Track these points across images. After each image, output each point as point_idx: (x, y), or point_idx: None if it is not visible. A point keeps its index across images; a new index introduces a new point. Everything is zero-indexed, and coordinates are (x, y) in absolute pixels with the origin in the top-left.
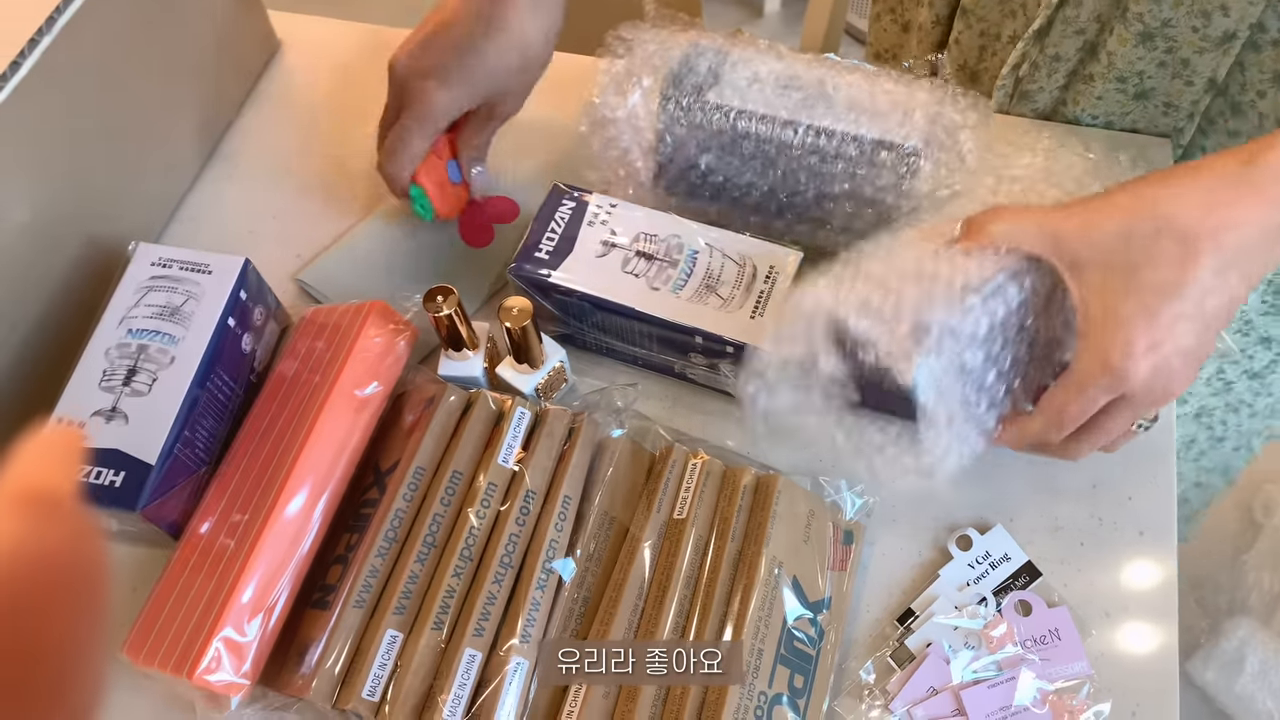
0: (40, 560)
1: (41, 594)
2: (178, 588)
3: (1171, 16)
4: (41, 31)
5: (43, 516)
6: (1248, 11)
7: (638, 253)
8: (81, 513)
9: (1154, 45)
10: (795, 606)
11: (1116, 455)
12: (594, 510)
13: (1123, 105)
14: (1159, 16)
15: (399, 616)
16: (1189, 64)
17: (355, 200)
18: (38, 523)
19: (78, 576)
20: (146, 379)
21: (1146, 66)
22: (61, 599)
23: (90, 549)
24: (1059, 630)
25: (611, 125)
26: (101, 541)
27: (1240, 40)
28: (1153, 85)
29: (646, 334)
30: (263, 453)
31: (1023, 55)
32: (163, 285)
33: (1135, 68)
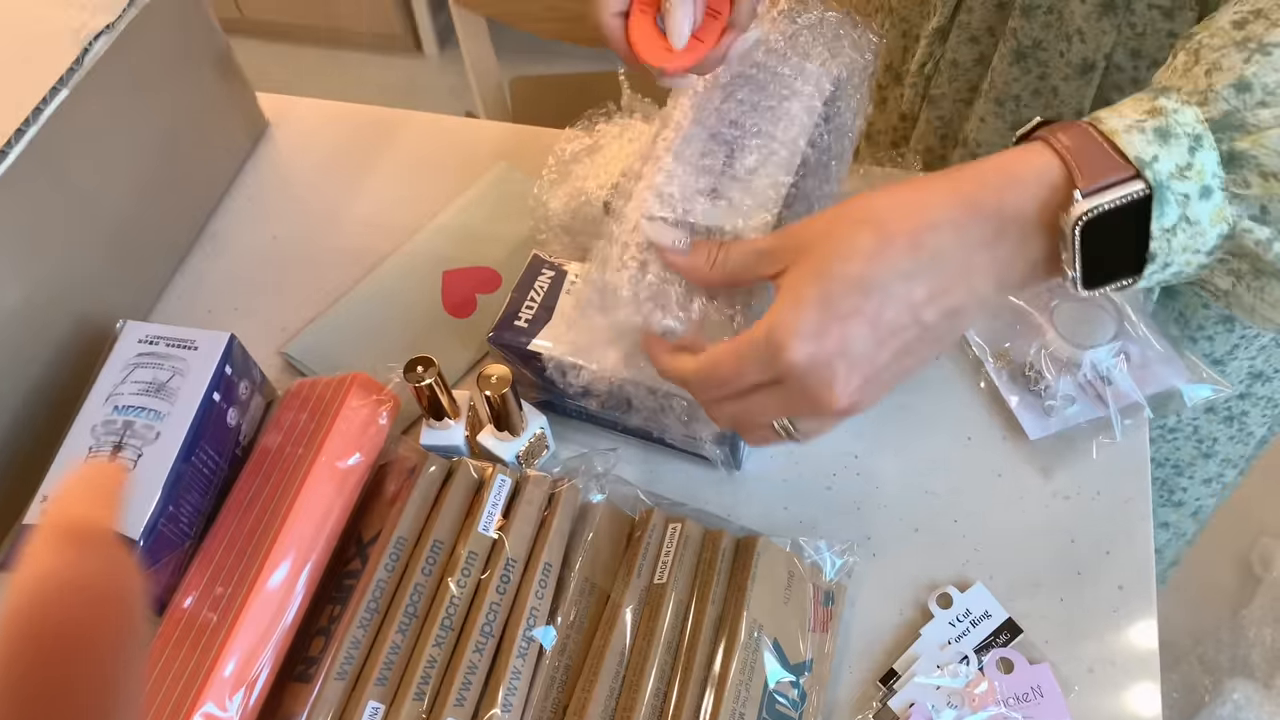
0: (80, 593)
1: (80, 627)
2: (160, 663)
3: (1042, 37)
4: (28, 122)
5: (82, 550)
6: (1101, 40)
7: None
8: (120, 547)
9: (1027, 67)
10: (776, 669)
11: (1095, 509)
12: (574, 577)
13: (1001, 134)
14: (1030, 35)
15: (381, 688)
16: (1058, 93)
17: (341, 274)
18: (78, 556)
19: (115, 610)
20: (132, 454)
21: (1022, 91)
22: (100, 632)
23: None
24: (1041, 687)
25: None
26: (138, 576)
27: (1099, 71)
28: (1028, 115)
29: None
30: (246, 526)
31: (928, 54)
32: (149, 362)
33: (1012, 90)
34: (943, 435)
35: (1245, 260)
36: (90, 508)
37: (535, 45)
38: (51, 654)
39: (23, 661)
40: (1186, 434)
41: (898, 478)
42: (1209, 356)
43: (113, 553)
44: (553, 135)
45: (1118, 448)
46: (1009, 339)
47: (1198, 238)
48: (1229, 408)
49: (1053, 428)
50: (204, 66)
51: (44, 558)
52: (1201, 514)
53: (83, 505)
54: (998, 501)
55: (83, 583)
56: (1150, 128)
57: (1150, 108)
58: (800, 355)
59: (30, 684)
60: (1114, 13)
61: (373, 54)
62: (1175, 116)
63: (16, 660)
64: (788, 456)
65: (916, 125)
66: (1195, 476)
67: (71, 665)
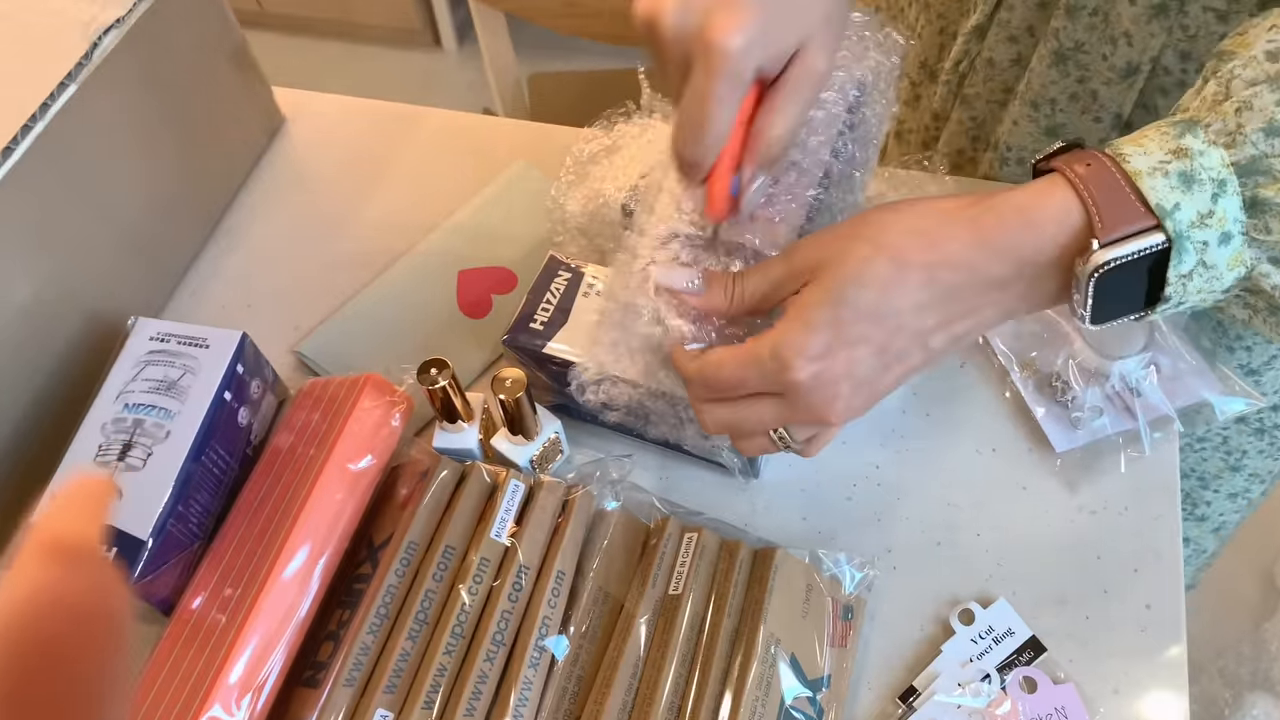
0: (66, 607)
1: (67, 640)
2: (167, 665)
3: (1085, 39)
4: (35, 117)
5: (69, 565)
6: (1149, 44)
7: None
8: (106, 561)
9: (1066, 70)
10: (794, 685)
11: (1123, 524)
12: (588, 586)
13: (1034, 138)
14: (1073, 37)
15: (390, 695)
16: (1097, 97)
17: (355, 272)
18: (64, 570)
19: (101, 623)
20: (141, 454)
21: (1059, 95)
22: (86, 645)
23: (114, 597)
24: (1065, 708)
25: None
26: (124, 590)
27: (1143, 75)
28: (1063, 120)
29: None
30: (256, 527)
31: (964, 51)
32: (160, 359)
33: (1049, 93)
34: (966, 446)
35: (1261, 298)
36: (77, 523)
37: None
38: (38, 670)
39: (9, 677)
40: (1215, 444)
41: (920, 489)
42: (1245, 367)
43: (99, 568)
44: (571, 134)
45: (1146, 462)
46: (1036, 348)
47: (1214, 280)
48: (1260, 420)
49: (1080, 440)
50: (219, 61)
51: (30, 573)
52: (1224, 530)
53: (69, 520)
54: (1022, 515)
55: (69, 599)
56: (1174, 171)
57: (1175, 148)
58: (805, 375)
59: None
60: (1165, 15)
61: (391, 48)
62: (1201, 160)
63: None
64: (807, 466)
65: (947, 125)
66: (1221, 490)
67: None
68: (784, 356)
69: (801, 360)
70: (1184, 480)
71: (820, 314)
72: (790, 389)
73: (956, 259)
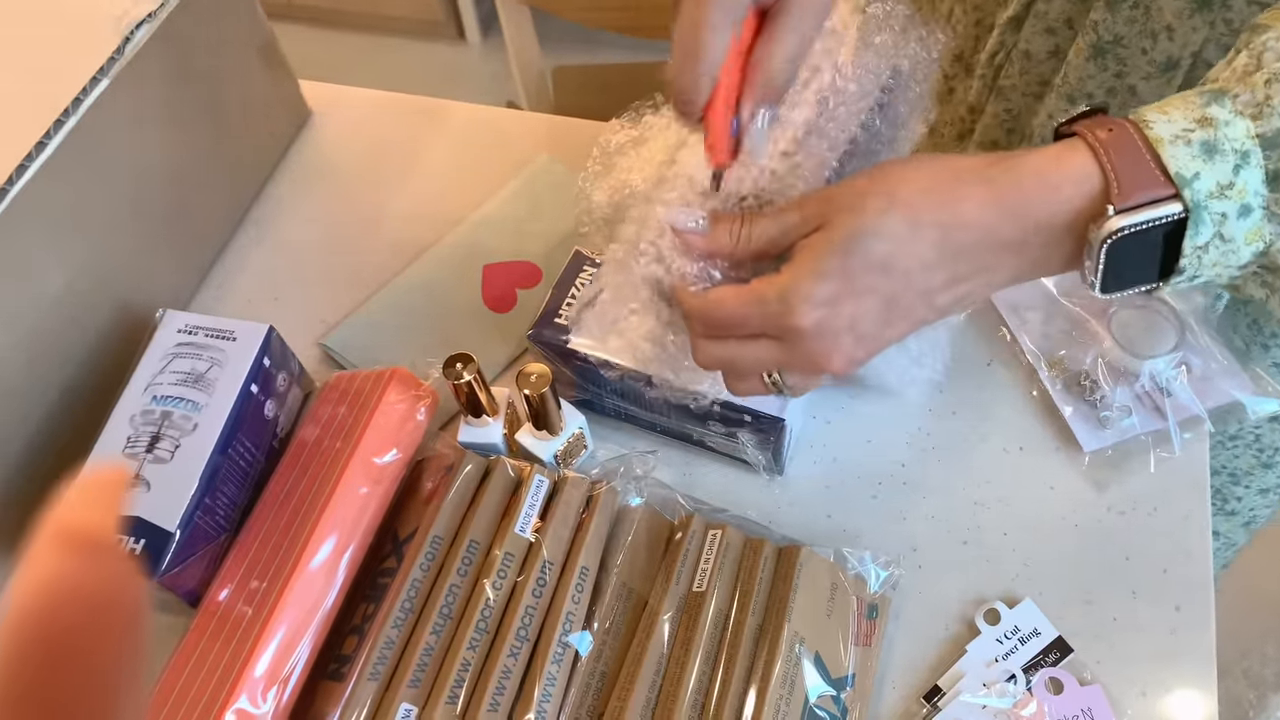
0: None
1: (82, 632)
2: (194, 657)
3: (1124, 33)
4: (68, 112)
5: (84, 555)
6: (1190, 38)
7: None
8: (122, 551)
9: (1105, 64)
10: (818, 683)
11: (1152, 525)
12: (612, 581)
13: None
14: (1112, 30)
15: (414, 690)
16: (1136, 92)
17: (381, 266)
18: (79, 561)
19: (118, 615)
20: (169, 446)
21: (1096, 89)
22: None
23: (130, 588)
24: (1092, 710)
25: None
26: (141, 581)
27: (1183, 70)
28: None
29: (665, 401)
30: (283, 520)
31: (1000, 43)
32: (188, 352)
33: (1085, 87)
34: (993, 445)
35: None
36: (92, 513)
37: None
38: (53, 660)
39: (26, 667)
40: (1248, 442)
41: (945, 488)
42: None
43: (115, 558)
44: (596, 127)
45: (1176, 462)
46: (1064, 347)
47: (1230, 254)
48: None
49: (1108, 440)
50: (248, 54)
51: (46, 563)
52: (1254, 524)
53: (85, 511)
54: (1049, 515)
55: (84, 589)
56: (1197, 140)
57: (1200, 116)
58: (810, 321)
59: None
60: (1209, 8)
61: (414, 40)
62: (1225, 130)
63: (20, 665)
64: (832, 463)
65: (982, 118)
66: (1252, 486)
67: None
68: (790, 300)
69: (807, 306)
70: (1214, 477)
71: (830, 262)
72: (792, 334)
73: (970, 219)
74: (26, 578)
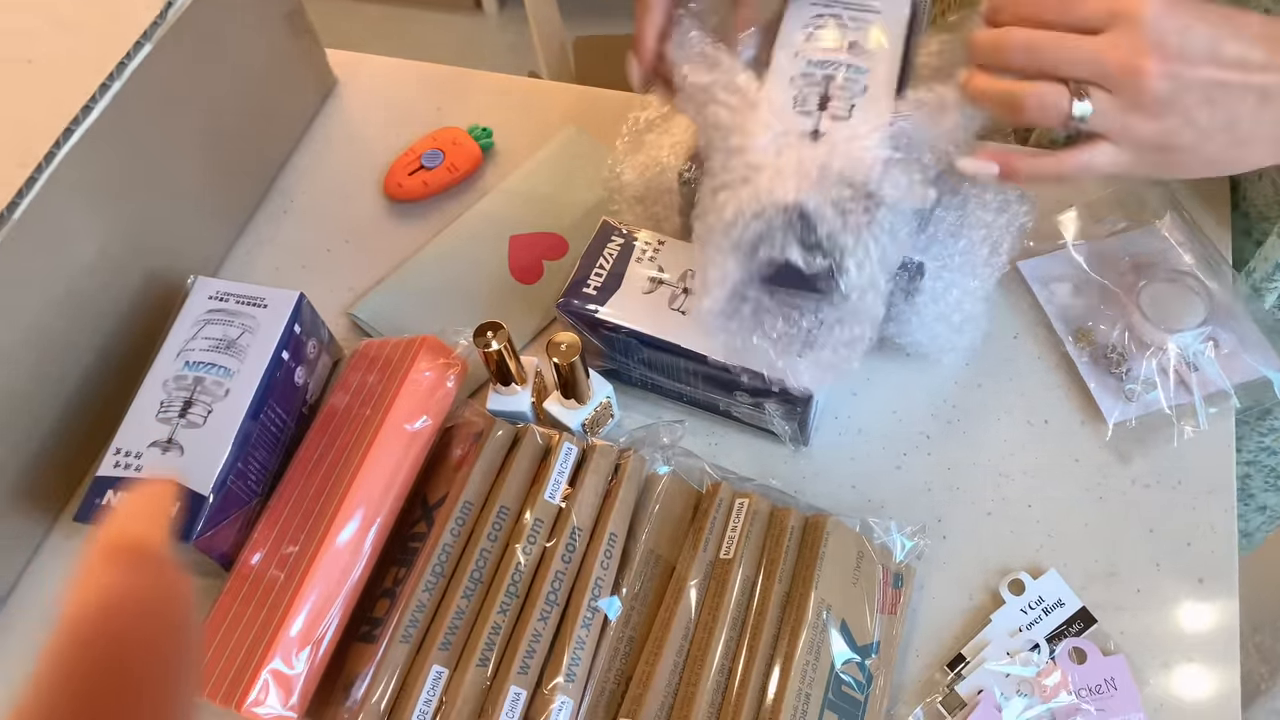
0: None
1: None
2: (228, 619)
3: None
4: (113, 76)
5: (136, 568)
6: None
7: (685, 290)
8: (172, 563)
9: None
10: (844, 650)
11: (1176, 499)
12: (640, 548)
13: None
14: None
15: (445, 652)
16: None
17: (408, 235)
18: (131, 573)
19: (169, 625)
20: (202, 411)
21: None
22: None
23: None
24: (1115, 679)
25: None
26: (190, 591)
27: None
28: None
29: (692, 371)
30: (314, 485)
31: None
32: (219, 318)
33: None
34: (1018, 417)
35: None
36: (143, 525)
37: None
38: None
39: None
40: None
41: (970, 459)
42: None
43: (164, 569)
44: (621, 98)
45: (1202, 436)
46: (1091, 319)
47: None
48: None
49: (1133, 412)
50: (278, 22)
51: (97, 576)
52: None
53: (136, 523)
54: (1074, 487)
55: (134, 600)
56: None
57: None
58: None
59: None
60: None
61: (432, 11)
62: None
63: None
64: (857, 434)
65: None
66: None
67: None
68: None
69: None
70: (1272, 457)
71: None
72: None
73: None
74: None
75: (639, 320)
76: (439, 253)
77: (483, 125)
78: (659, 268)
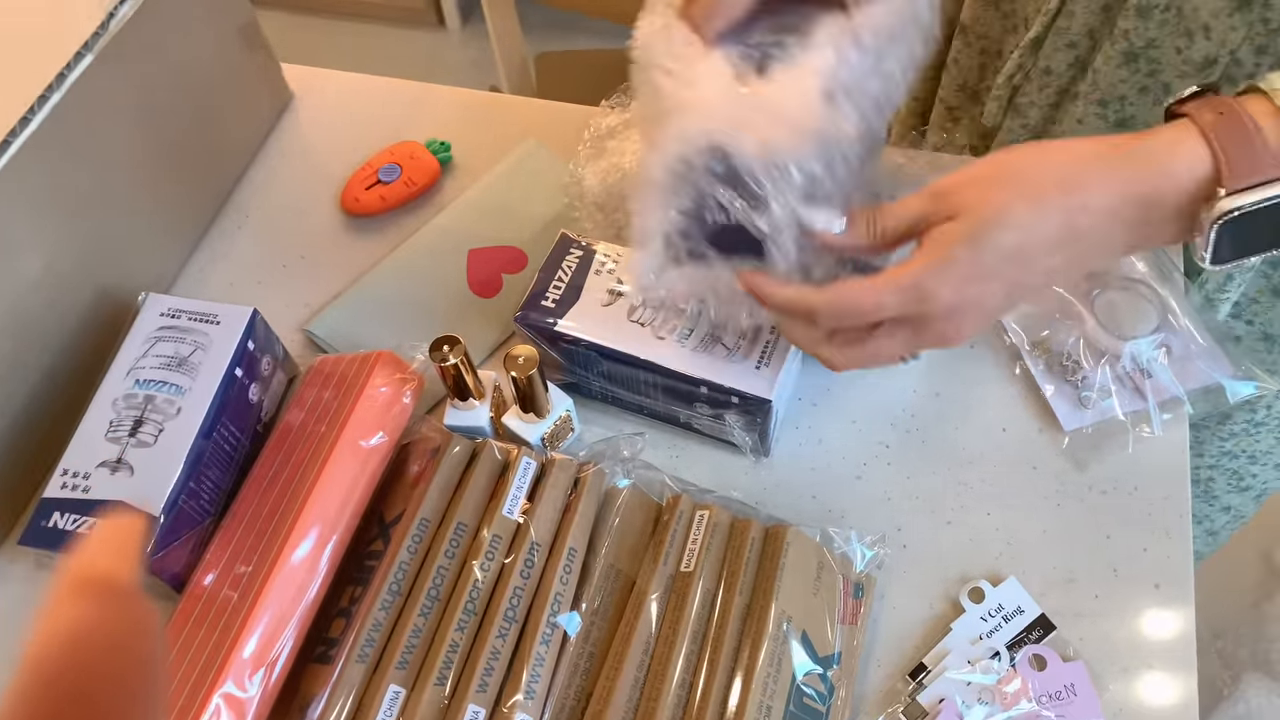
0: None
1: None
2: (179, 641)
3: (1157, 36)
4: (51, 88)
5: (102, 600)
6: (1229, 37)
7: (644, 301)
8: (140, 599)
9: (1137, 67)
10: (805, 661)
11: (1132, 505)
12: (600, 563)
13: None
14: (1144, 35)
15: (402, 672)
16: (1170, 89)
17: (365, 250)
18: (97, 606)
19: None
20: (153, 430)
21: (1129, 91)
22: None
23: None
24: (1075, 685)
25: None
26: (156, 625)
27: (1220, 66)
28: (1133, 112)
29: (652, 383)
30: (268, 504)
31: (1018, 65)
32: (171, 335)
33: (1118, 91)
34: (976, 425)
35: None
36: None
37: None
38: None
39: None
40: (1271, 427)
41: (929, 468)
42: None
43: (132, 604)
44: (581, 112)
45: (1156, 442)
46: (1047, 328)
47: None
48: None
49: (1089, 420)
50: (230, 36)
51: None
52: (1264, 496)
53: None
54: (1032, 495)
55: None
56: None
57: None
58: (943, 306)
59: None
60: (1249, 8)
61: (394, 27)
62: None
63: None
64: (817, 445)
65: (998, 135)
66: (1269, 463)
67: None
68: (927, 287)
69: (944, 291)
70: (1233, 460)
71: (962, 251)
72: (925, 318)
73: (1094, 205)
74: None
75: (598, 333)
76: (396, 267)
77: (441, 139)
78: (618, 280)
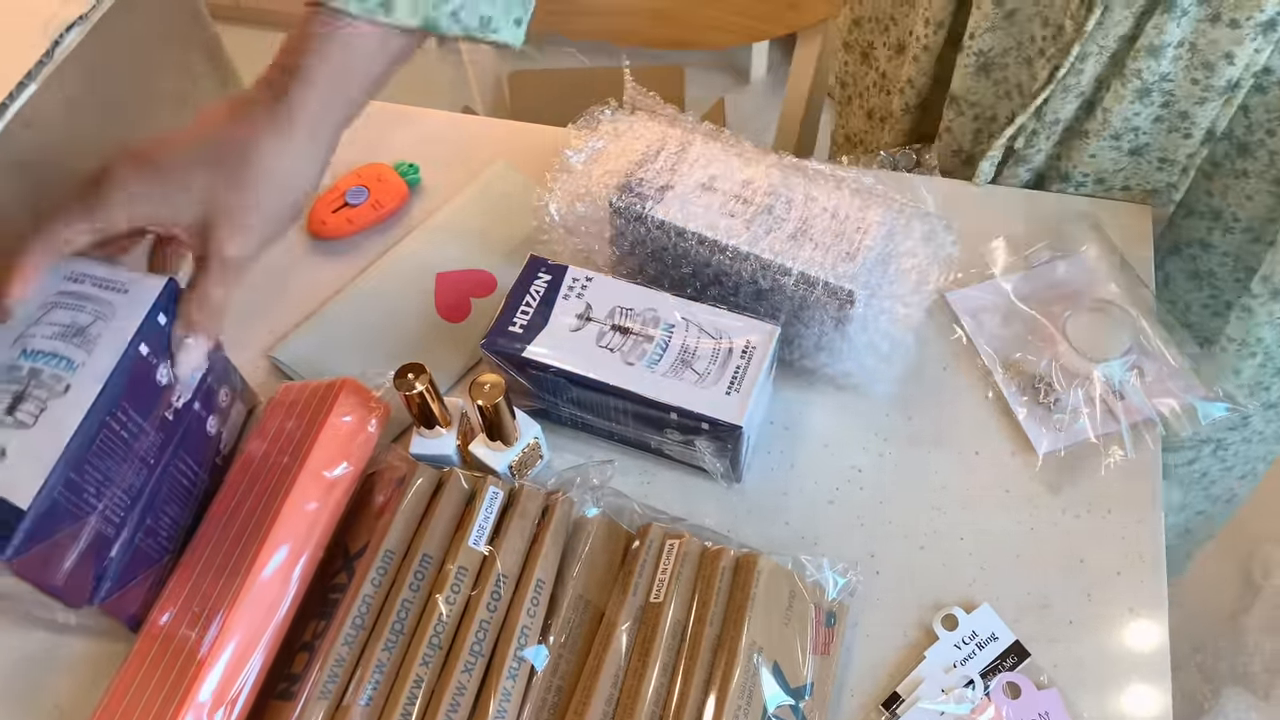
0: None
1: None
2: (136, 682)
3: (1170, 71)
4: None
5: None
6: (1254, 59)
7: (613, 326)
8: None
9: (1150, 100)
10: (776, 693)
11: (1106, 528)
12: (568, 594)
13: (1116, 161)
14: (1157, 71)
15: (366, 708)
16: (1188, 116)
17: (332, 274)
18: None
19: None
20: (34, 408)
21: (1142, 122)
22: None
23: None
24: (1049, 714)
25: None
26: None
27: (1245, 88)
28: (1147, 141)
29: (622, 409)
30: (229, 538)
31: (1019, 129)
32: (69, 301)
33: (1131, 124)
34: (949, 449)
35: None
36: None
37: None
38: None
39: None
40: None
41: (902, 493)
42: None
43: None
44: (552, 133)
45: (1129, 464)
46: (1020, 350)
47: None
48: None
49: (1062, 442)
50: (191, 57)
51: None
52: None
53: None
54: (1005, 519)
55: None
56: None
57: None
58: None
59: None
60: (1273, 29)
61: None
62: None
63: None
64: (789, 470)
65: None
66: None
67: None
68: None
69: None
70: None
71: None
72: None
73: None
74: None
75: (567, 359)
76: (363, 292)
77: (409, 161)
78: (587, 304)
